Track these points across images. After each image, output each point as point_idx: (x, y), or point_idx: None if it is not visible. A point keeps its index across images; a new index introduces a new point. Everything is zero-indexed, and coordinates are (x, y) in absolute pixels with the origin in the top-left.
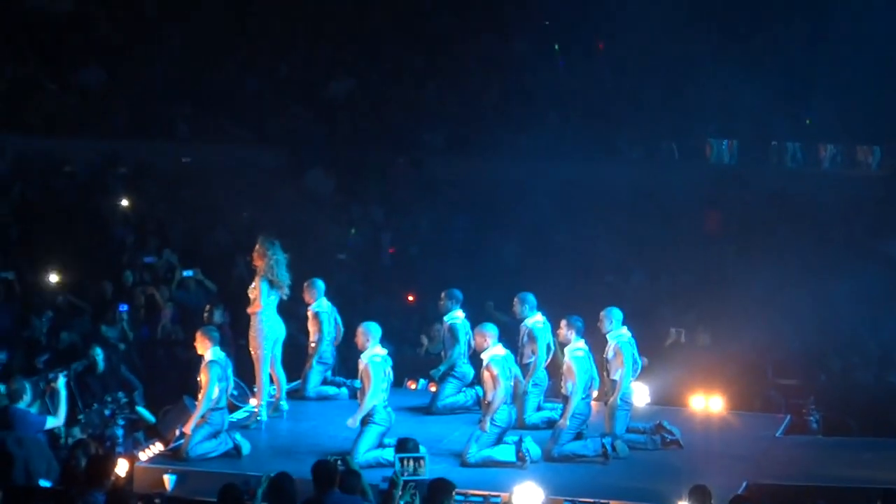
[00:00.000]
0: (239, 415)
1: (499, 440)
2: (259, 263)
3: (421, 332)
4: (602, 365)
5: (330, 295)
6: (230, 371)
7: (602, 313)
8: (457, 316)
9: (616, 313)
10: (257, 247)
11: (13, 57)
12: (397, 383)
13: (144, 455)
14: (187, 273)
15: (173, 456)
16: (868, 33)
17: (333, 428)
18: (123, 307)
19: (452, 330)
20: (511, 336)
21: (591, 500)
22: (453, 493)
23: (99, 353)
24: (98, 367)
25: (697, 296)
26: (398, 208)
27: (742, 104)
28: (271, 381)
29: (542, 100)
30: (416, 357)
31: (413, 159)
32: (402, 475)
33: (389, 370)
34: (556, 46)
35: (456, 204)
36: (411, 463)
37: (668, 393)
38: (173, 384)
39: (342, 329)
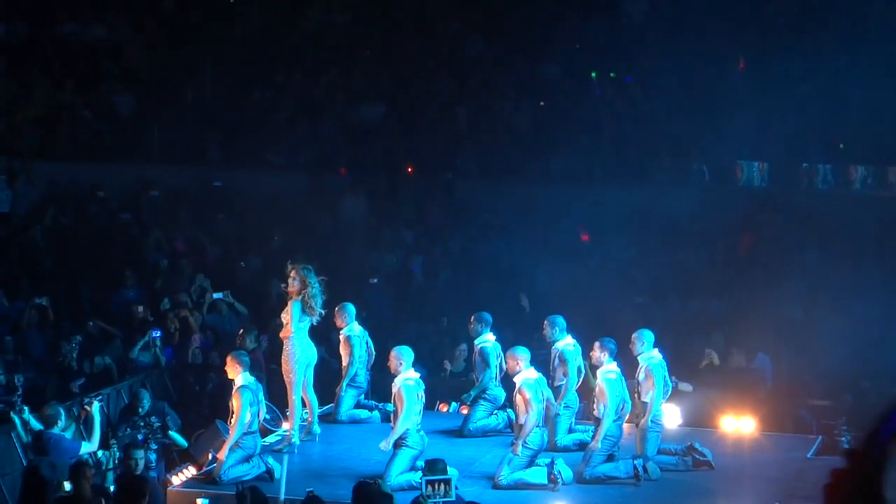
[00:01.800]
0: (271, 438)
1: (531, 463)
2: (293, 289)
3: (444, 357)
4: (633, 387)
5: (362, 319)
6: (261, 395)
7: (634, 335)
8: (487, 339)
9: (648, 335)
10: (294, 272)
11: (48, 84)
12: (429, 406)
13: (177, 479)
14: (217, 295)
15: (206, 479)
16: None
17: (366, 451)
18: (157, 332)
19: (483, 353)
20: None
21: None
22: None
23: (146, 395)
24: (143, 408)
25: (729, 318)
26: (429, 232)
27: (773, 127)
28: (303, 404)
29: (573, 123)
30: (447, 380)
31: (444, 183)
32: (430, 498)
33: (422, 393)
34: (594, 74)
35: (487, 227)
36: (442, 486)
37: (701, 415)
38: (205, 408)
39: (374, 353)
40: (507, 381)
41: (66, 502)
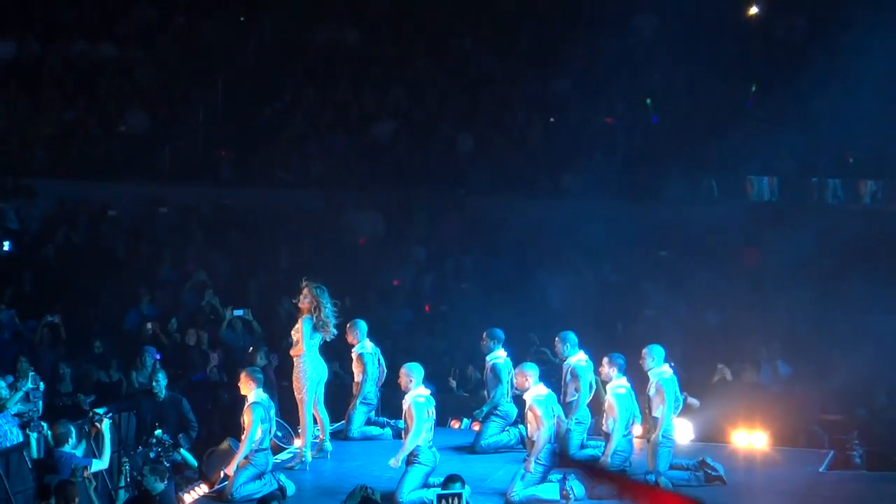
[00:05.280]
0: (283, 456)
1: (543, 478)
2: (303, 305)
3: (450, 376)
4: (645, 402)
5: (373, 336)
6: (273, 412)
7: (644, 350)
8: (499, 355)
9: (658, 350)
10: (305, 291)
11: (59, 102)
12: (441, 423)
13: (189, 497)
14: (238, 312)
15: (218, 497)
16: None
17: (378, 468)
18: (155, 354)
19: (495, 370)
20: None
21: None
22: None
23: (162, 380)
24: (160, 395)
25: (742, 333)
26: (442, 248)
27: (783, 141)
28: (315, 421)
29: (585, 139)
30: (459, 397)
31: (457, 199)
32: None
33: (433, 410)
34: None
35: (499, 243)
36: (455, 500)
37: (713, 429)
38: (216, 425)
39: (385, 370)
40: (518, 396)
41: None
